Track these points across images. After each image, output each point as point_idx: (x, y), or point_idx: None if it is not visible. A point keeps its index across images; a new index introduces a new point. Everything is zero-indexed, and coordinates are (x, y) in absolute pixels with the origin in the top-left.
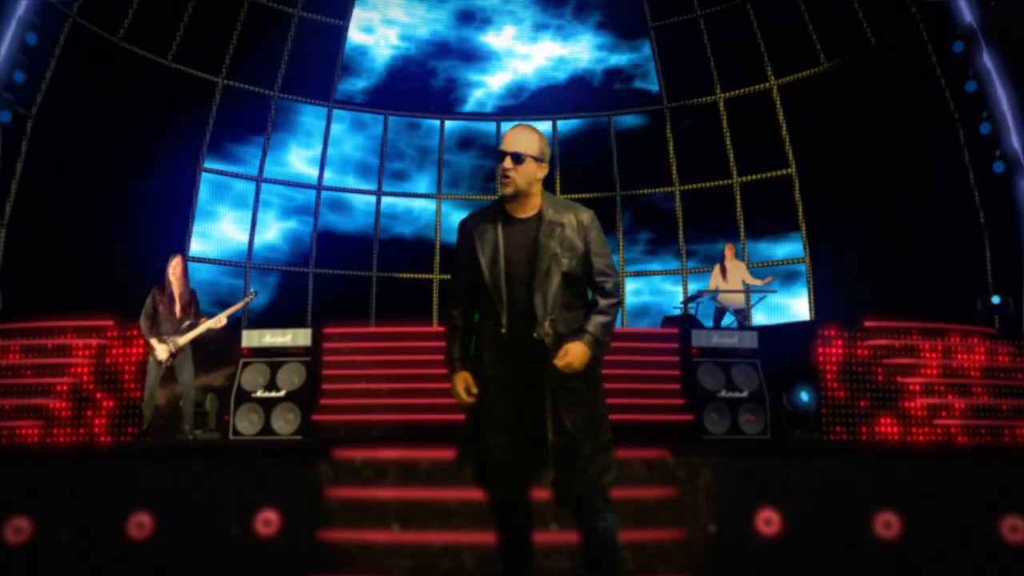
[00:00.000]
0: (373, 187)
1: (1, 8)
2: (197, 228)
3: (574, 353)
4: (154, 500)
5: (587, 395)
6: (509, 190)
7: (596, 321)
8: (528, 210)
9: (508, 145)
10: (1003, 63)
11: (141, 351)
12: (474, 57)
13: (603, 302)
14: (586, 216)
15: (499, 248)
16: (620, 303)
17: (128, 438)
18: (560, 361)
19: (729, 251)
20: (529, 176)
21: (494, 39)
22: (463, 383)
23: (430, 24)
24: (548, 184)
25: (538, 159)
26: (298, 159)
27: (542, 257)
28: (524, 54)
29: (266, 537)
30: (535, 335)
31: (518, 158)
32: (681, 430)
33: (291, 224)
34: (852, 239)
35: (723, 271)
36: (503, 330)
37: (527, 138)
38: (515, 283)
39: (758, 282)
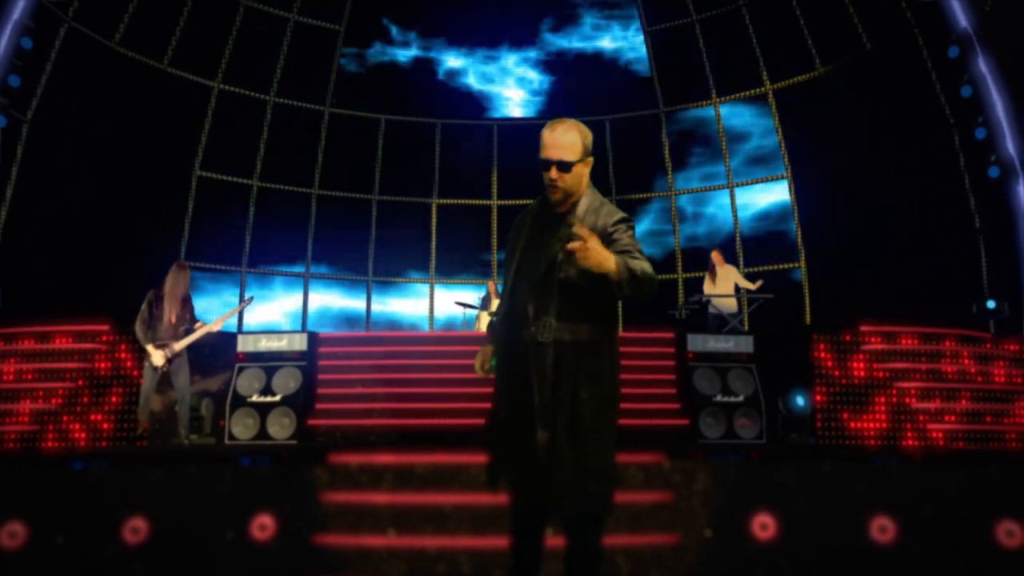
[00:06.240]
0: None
1: None
2: None
3: (597, 250)
4: (149, 505)
5: (594, 404)
6: (559, 196)
7: (629, 260)
8: (567, 207)
9: (552, 152)
10: (998, 68)
11: (137, 356)
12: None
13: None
14: (611, 221)
15: (521, 243)
16: (654, 279)
17: (124, 443)
18: (576, 245)
19: (717, 257)
20: (578, 178)
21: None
22: (481, 357)
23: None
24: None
25: (583, 159)
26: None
27: (543, 260)
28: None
29: (262, 542)
30: (523, 335)
31: (564, 167)
32: (677, 434)
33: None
34: (848, 243)
35: (712, 277)
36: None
37: (570, 140)
38: (521, 280)
39: (750, 285)
